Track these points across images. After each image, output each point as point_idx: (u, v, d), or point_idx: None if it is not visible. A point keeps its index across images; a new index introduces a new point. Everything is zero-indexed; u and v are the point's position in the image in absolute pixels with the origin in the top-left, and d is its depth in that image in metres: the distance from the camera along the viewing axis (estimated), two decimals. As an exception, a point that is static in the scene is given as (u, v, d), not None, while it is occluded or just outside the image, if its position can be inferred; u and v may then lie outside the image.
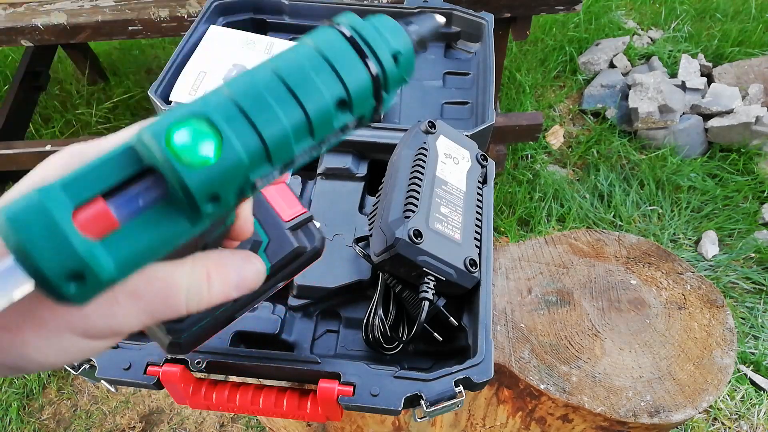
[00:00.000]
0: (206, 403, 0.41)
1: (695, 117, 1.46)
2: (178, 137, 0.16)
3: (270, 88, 0.18)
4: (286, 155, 0.18)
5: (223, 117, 0.17)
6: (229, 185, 0.17)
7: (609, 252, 0.65)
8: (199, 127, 0.17)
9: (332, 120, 0.19)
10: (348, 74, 0.19)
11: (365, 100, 0.20)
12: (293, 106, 0.18)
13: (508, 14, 1.05)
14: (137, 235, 0.17)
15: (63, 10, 1.01)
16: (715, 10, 1.82)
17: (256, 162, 0.18)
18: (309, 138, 0.19)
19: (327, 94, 0.19)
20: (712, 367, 0.56)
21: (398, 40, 0.21)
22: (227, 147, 0.17)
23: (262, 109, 0.18)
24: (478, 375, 0.39)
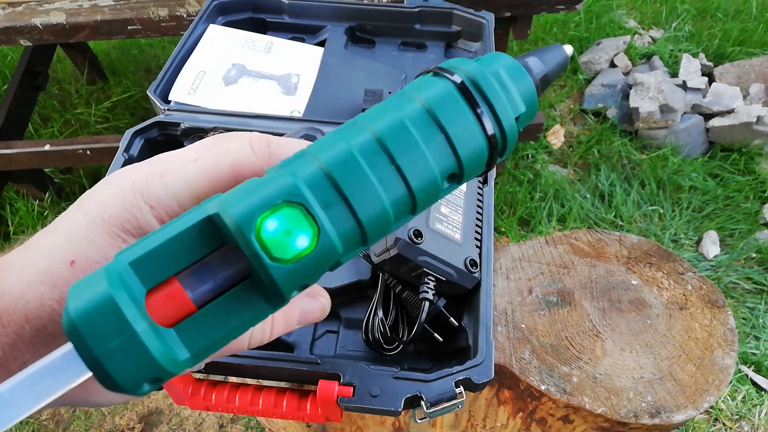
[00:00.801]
0: (205, 403, 0.41)
1: (696, 117, 1.46)
2: (270, 226, 0.14)
3: (369, 158, 0.15)
4: (381, 235, 0.16)
5: (320, 201, 0.15)
6: (319, 273, 0.15)
7: (610, 252, 0.65)
8: (294, 216, 0.15)
9: (438, 194, 0.17)
10: (462, 143, 0.16)
11: (477, 169, 0.17)
12: (397, 181, 0.16)
13: (509, 13, 1.04)
14: (215, 321, 0.15)
15: (62, 9, 1.01)
16: (716, 10, 1.81)
17: (351, 248, 0.16)
18: (408, 214, 0.17)
19: (436, 169, 0.16)
20: (713, 367, 0.55)
21: (522, 89, 0.18)
22: (323, 238, 0.15)
23: (361, 187, 0.15)
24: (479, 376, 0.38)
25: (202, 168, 0.18)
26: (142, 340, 0.13)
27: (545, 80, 0.20)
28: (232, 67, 0.64)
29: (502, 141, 0.17)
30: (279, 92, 0.63)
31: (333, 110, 0.62)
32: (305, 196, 0.15)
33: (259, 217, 0.14)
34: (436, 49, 0.73)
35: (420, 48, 0.73)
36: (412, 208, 0.16)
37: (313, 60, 0.67)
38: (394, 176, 0.16)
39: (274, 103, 0.62)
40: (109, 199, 0.18)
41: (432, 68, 0.18)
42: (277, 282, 0.15)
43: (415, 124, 0.16)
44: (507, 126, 0.17)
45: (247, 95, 0.62)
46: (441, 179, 0.16)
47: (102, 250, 0.17)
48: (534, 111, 0.18)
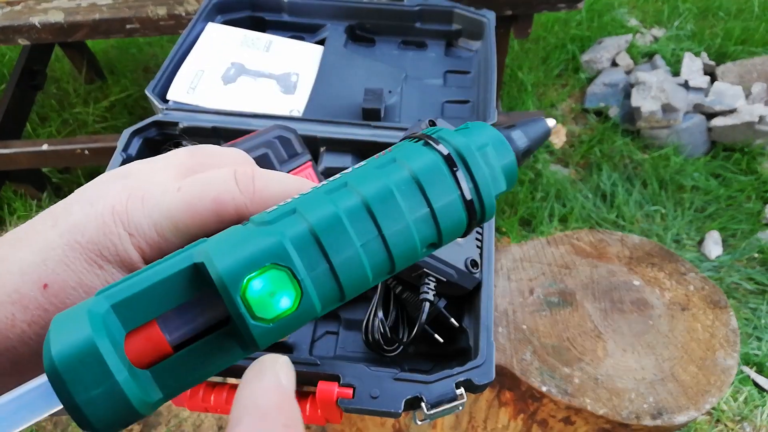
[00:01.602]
0: (204, 405, 0.40)
1: (698, 116, 1.45)
2: (255, 287, 0.15)
3: (356, 224, 0.16)
4: (358, 293, 0.17)
5: (306, 264, 0.15)
6: (296, 329, 0.16)
7: (612, 252, 0.65)
8: (280, 278, 0.15)
9: (416, 259, 0.18)
10: (445, 216, 0.17)
11: (455, 237, 0.18)
12: (379, 248, 0.16)
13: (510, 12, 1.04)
14: (190, 364, 0.15)
15: (60, 8, 1.01)
16: (718, 9, 1.81)
17: (328, 305, 0.16)
18: (386, 276, 0.17)
19: (418, 238, 0.17)
20: (715, 368, 0.55)
21: (504, 164, 0.18)
22: (305, 300, 0.15)
23: (345, 253, 0.16)
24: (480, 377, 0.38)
25: (184, 200, 0.18)
26: (122, 390, 0.14)
27: (527, 153, 0.20)
28: (231, 66, 0.63)
29: (480, 213, 0.18)
30: (278, 91, 0.63)
31: (333, 109, 0.61)
32: (293, 260, 0.15)
33: (246, 277, 0.15)
34: (437, 47, 0.72)
35: (420, 47, 0.73)
36: (390, 271, 0.17)
37: (312, 59, 0.67)
38: (378, 243, 0.16)
39: (273, 102, 0.61)
40: (88, 223, 0.17)
41: (419, 134, 0.19)
42: (256, 339, 0.15)
43: (402, 194, 0.17)
44: (487, 201, 0.18)
45: (246, 94, 0.61)
46: (421, 247, 0.17)
47: (77, 275, 0.17)
48: (513, 183, 0.19)
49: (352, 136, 0.54)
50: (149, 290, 0.15)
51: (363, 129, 0.55)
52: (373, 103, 0.59)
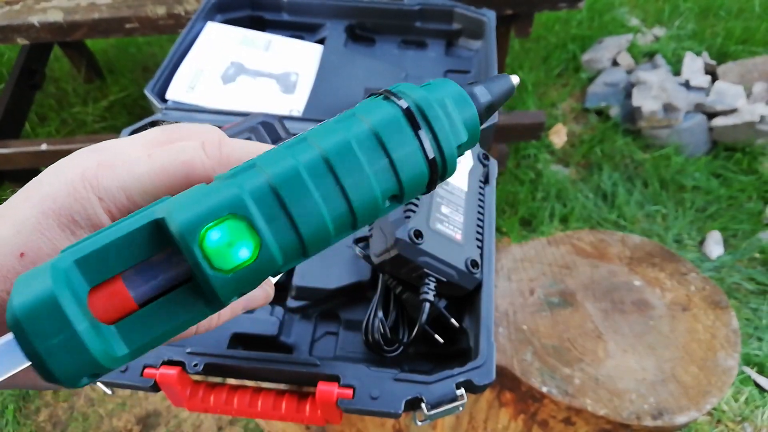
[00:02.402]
0: (204, 405, 0.40)
1: (699, 116, 1.45)
2: (213, 237, 0.15)
3: (315, 176, 0.16)
4: (321, 248, 0.17)
5: (264, 215, 0.16)
6: (258, 282, 0.16)
7: (612, 253, 0.65)
8: (238, 228, 0.15)
9: (378, 213, 0.18)
10: (405, 167, 0.17)
11: (418, 190, 0.18)
12: (339, 200, 0.16)
13: (510, 11, 1.04)
14: (155, 320, 0.16)
15: (59, 7, 1.01)
16: (719, 8, 1.81)
17: (290, 259, 0.16)
18: (349, 230, 0.18)
19: (378, 190, 0.17)
20: (716, 368, 0.55)
21: (465, 117, 0.19)
22: (264, 251, 0.15)
23: (304, 204, 0.16)
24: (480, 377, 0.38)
25: (153, 165, 0.18)
26: (82, 339, 0.14)
27: (490, 108, 0.20)
28: (231, 66, 0.63)
29: (442, 166, 0.18)
30: (278, 91, 0.62)
31: (332, 109, 0.61)
32: (250, 210, 0.15)
33: (204, 227, 0.15)
34: (437, 47, 0.72)
35: (420, 46, 0.72)
36: (352, 224, 0.17)
37: (312, 58, 0.66)
38: (338, 194, 0.16)
39: (272, 102, 0.61)
40: (59, 190, 0.18)
41: (382, 90, 0.19)
42: (216, 290, 0.15)
43: (361, 146, 0.17)
44: (448, 152, 0.18)
45: (246, 94, 0.61)
46: (382, 199, 0.17)
47: (52, 242, 0.17)
48: (476, 138, 0.19)
49: (352, 136, 0.54)
50: (112, 246, 0.15)
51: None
52: (373, 102, 0.59)
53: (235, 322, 0.46)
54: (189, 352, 0.40)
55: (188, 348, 0.40)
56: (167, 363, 0.39)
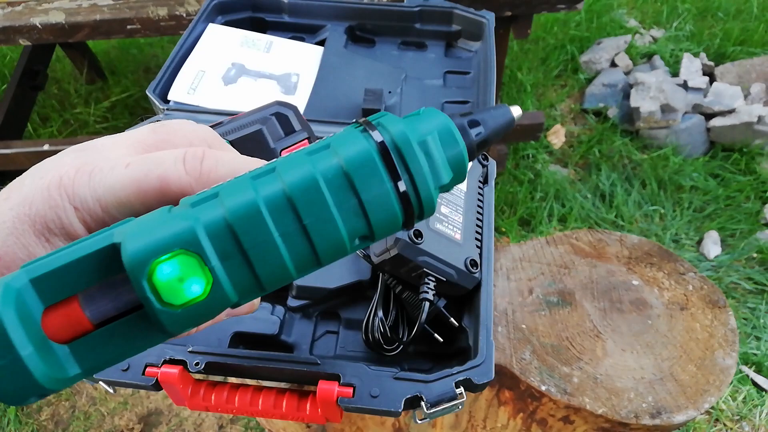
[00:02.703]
0: (205, 404, 0.40)
1: (697, 116, 1.46)
2: (164, 271, 0.14)
3: (276, 213, 0.15)
4: (281, 284, 0.16)
5: (218, 252, 0.15)
6: (211, 316, 0.16)
7: (611, 252, 0.65)
8: (190, 264, 0.15)
9: (346, 252, 0.17)
10: (375, 209, 0.16)
11: (390, 231, 0.17)
12: (300, 240, 0.16)
13: (509, 13, 1.04)
14: (109, 342, 0.15)
15: (61, 8, 1.01)
16: (717, 9, 1.81)
17: (246, 295, 0.16)
18: (313, 268, 0.17)
19: (345, 231, 0.16)
20: (713, 368, 0.55)
21: (450, 157, 0.17)
22: (216, 288, 0.15)
23: (262, 243, 0.15)
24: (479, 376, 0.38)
25: (130, 177, 0.18)
26: (25, 364, 0.14)
27: (483, 144, 0.19)
28: (232, 67, 0.63)
29: (418, 207, 0.17)
30: (279, 92, 0.63)
31: (333, 110, 0.62)
32: (203, 246, 0.15)
33: (154, 261, 0.14)
34: (437, 48, 0.72)
35: (420, 47, 0.73)
36: (315, 262, 0.16)
37: (312, 59, 0.67)
38: (299, 234, 0.16)
39: (273, 103, 0.62)
40: (36, 195, 0.17)
41: (362, 121, 0.18)
42: (165, 325, 0.15)
43: (329, 185, 0.16)
44: (424, 194, 0.17)
45: (247, 95, 0.62)
46: (349, 240, 0.16)
47: (26, 248, 0.17)
48: (462, 176, 0.18)
49: (352, 137, 0.54)
50: (69, 266, 0.15)
51: (363, 129, 0.55)
52: (373, 103, 0.59)
53: (237, 322, 0.46)
54: (190, 351, 0.40)
55: (189, 347, 0.40)
56: (169, 362, 0.39)
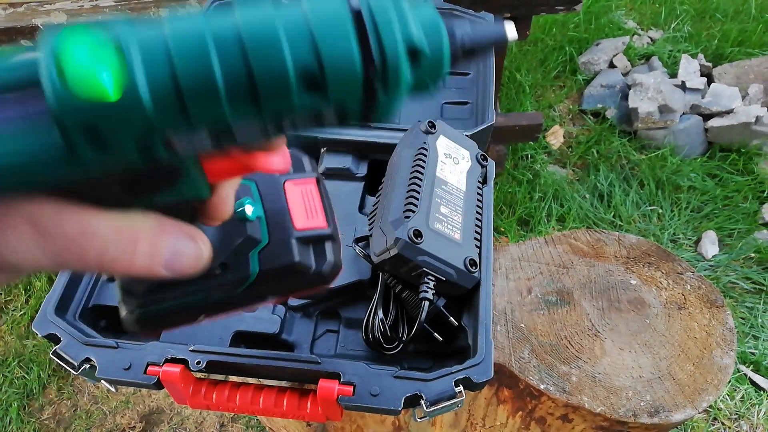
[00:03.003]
0: (206, 402, 0.41)
1: (695, 117, 1.46)
2: (77, 53, 0.13)
3: (218, 37, 0.14)
4: (209, 114, 0.14)
5: (141, 50, 0.13)
6: (122, 131, 0.13)
7: (609, 252, 0.65)
8: (105, 50, 0.13)
9: (289, 93, 0.14)
10: (328, 45, 0.14)
11: (346, 85, 0.14)
12: (236, 59, 0.14)
13: (509, 14, 1.05)
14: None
15: (63, 10, 1.01)
16: (715, 10, 1.82)
17: (165, 111, 0.13)
18: (250, 105, 0.14)
19: (288, 59, 0.14)
20: (712, 367, 0.56)
21: (425, 27, 0.15)
22: (130, 85, 0.13)
23: (193, 56, 0.13)
24: (478, 375, 0.39)
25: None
26: None
27: (469, 47, 0.17)
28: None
29: (381, 62, 0.14)
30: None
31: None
32: (127, 40, 0.13)
33: (70, 36, 0.13)
34: (436, 49, 0.73)
35: (419, 49, 0.73)
36: (252, 93, 0.14)
37: (313, 60, 0.67)
38: (236, 55, 0.14)
39: (274, 104, 0.62)
40: None
41: None
42: (60, 114, 0.13)
43: (286, 18, 0.14)
44: (388, 45, 0.14)
45: (248, 96, 0.62)
46: (293, 72, 0.14)
47: None
48: (436, 64, 0.15)
49: (352, 137, 0.55)
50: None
51: (363, 130, 0.55)
52: (373, 104, 0.60)
53: (237, 321, 0.47)
54: (192, 350, 0.40)
55: (191, 346, 0.41)
56: (170, 361, 0.40)
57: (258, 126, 0.15)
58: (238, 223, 0.24)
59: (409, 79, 0.15)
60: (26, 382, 1.10)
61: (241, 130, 0.15)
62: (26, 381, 1.10)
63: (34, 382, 1.09)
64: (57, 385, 1.10)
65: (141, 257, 0.18)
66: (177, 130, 0.14)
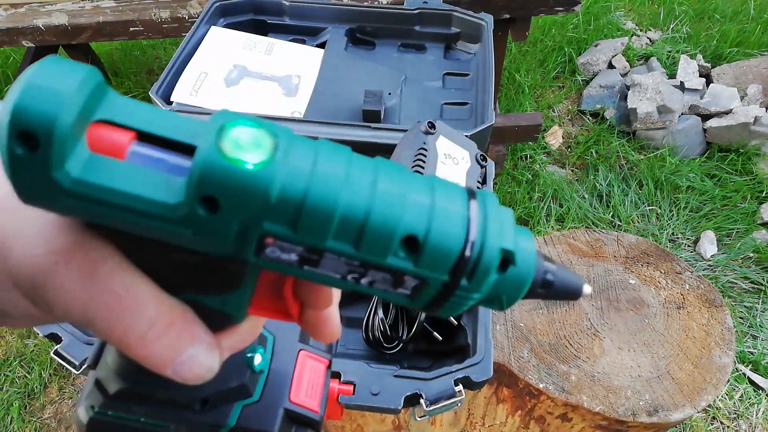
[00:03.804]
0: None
1: (694, 117, 1.47)
2: (239, 122, 0.14)
3: (355, 170, 0.15)
4: (312, 233, 0.15)
5: (291, 150, 0.15)
6: (238, 202, 0.14)
7: (608, 252, 0.66)
8: (263, 131, 0.15)
9: (387, 247, 0.15)
10: (440, 217, 0.15)
11: (438, 261, 0.16)
12: (361, 195, 0.15)
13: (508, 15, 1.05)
14: (121, 175, 0.14)
15: (64, 10, 1.02)
16: (714, 11, 1.82)
17: (279, 207, 0.14)
18: (349, 243, 0.15)
19: (404, 217, 0.15)
20: (710, 366, 0.56)
21: (521, 243, 0.17)
22: (270, 166, 0.14)
23: (331, 172, 0.15)
24: (478, 374, 0.39)
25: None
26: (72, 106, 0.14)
27: (546, 285, 0.18)
28: (234, 69, 0.64)
29: (478, 254, 0.16)
30: (280, 93, 0.64)
31: (333, 111, 0.62)
32: (285, 136, 0.15)
33: (228, 123, 0.14)
34: (436, 50, 0.73)
35: (419, 49, 0.74)
36: (358, 231, 0.15)
37: (313, 61, 0.68)
38: (363, 192, 0.15)
39: (275, 104, 0.62)
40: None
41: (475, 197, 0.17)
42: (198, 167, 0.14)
43: (417, 182, 0.16)
44: (488, 245, 0.16)
45: (249, 96, 0.62)
46: (399, 230, 0.15)
47: None
48: (518, 280, 0.17)
49: (353, 138, 0.55)
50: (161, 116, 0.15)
51: (363, 130, 0.56)
52: (373, 104, 0.60)
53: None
54: (195, 348, 0.41)
55: (194, 345, 0.41)
56: (173, 359, 0.40)
57: (344, 266, 0.16)
58: (242, 366, 0.23)
59: (492, 283, 0.16)
60: (27, 381, 1.10)
61: (328, 262, 0.16)
62: (27, 380, 1.10)
63: (36, 382, 1.10)
64: (58, 385, 1.10)
65: (162, 346, 0.17)
66: (278, 234, 0.15)
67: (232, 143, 0.14)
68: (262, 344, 0.25)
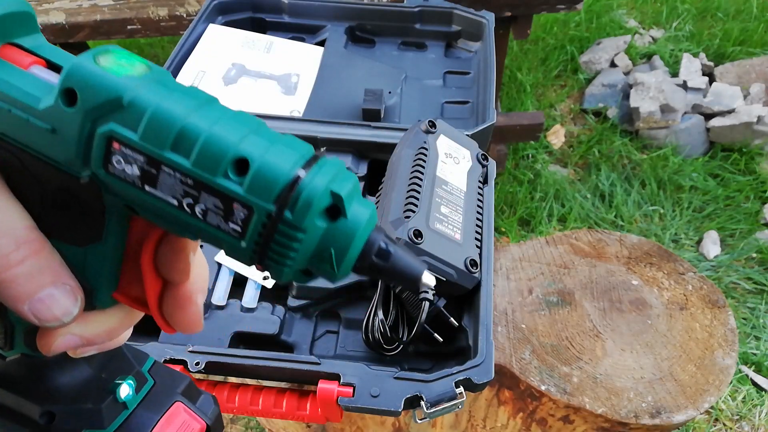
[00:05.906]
0: (205, 403, 0.40)
1: (697, 116, 1.46)
2: (117, 55, 0.17)
3: (213, 107, 0.17)
4: (154, 139, 0.16)
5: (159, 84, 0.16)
6: (91, 92, 0.15)
7: (610, 252, 0.65)
8: (138, 63, 0.17)
9: (219, 162, 0.16)
10: (274, 152, 0.16)
11: (264, 187, 0.16)
12: (205, 119, 0.16)
13: (509, 13, 1.04)
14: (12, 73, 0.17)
15: (61, 9, 1.01)
16: (717, 10, 1.81)
17: (129, 110, 0.16)
18: (185, 156, 0.16)
19: (240, 144, 0.16)
20: (713, 367, 0.55)
21: (358, 203, 0.17)
22: (132, 78, 0.16)
23: (187, 101, 0.16)
24: (479, 376, 0.38)
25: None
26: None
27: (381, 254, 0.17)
28: (232, 67, 0.64)
29: (303, 190, 0.16)
30: (279, 92, 0.63)
31: (333, 110, 0.62)
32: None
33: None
34: (437, 48, 0.73)
35: (420, 48, 0.73)
36: (192, 144, 0.16)
37: (312, 60, 0.67)
38: (213, 118, 0.16)
39: (273, 103, 0.62)
40: None
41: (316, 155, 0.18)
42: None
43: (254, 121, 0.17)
44: (315, 184, 0.16)
45: (247, 95, 0.62)
46: (231, 152, 0.16)
47: None
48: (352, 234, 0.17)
49: (353, 137, 0.54)
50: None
51: (363, 129, 0.55)
52: (373, 103, 0.60)
53: (237, 321, 0.46)
54: (190, 350, 0.40)
55: (190, 347, 0.40)
56: (169, 361, 0.40)
57: (179, 186, 0.16)
58: (104, 391, 0.22)
59: (319, 228, 0.16)
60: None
61: (165, 179, 0.16)
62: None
63: (34, 382, 1.09)
64: (57, 385, 1.10)
65: (24, 273, 0.17)
66: (122, 137, 0.16)
67: (110, 59, 0.16)
68: (138, 380, 0.24)
